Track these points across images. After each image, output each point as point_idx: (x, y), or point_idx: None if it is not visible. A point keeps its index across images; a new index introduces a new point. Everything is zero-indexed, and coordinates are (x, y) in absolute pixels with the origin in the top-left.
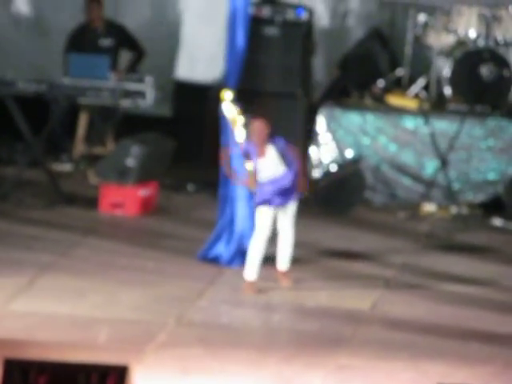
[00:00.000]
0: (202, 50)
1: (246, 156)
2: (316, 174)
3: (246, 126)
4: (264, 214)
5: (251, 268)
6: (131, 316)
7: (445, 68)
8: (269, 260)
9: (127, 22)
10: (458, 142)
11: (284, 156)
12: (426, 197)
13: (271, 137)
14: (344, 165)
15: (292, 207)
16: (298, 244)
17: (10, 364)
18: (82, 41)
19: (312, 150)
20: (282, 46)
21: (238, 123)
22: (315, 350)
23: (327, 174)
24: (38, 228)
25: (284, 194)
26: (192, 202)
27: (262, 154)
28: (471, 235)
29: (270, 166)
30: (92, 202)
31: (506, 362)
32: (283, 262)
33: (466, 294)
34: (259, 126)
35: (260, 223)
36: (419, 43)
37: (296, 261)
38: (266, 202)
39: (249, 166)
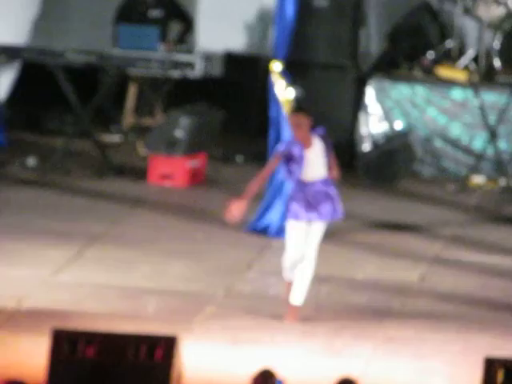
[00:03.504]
0: (251, 21)
1: (288, 158)
2: (365, 146)
3: (294, 99)
4: (294, 229)
5: (291, 293)
6: (180, 287)
7: (494, 40)
8: None
9: None
10: (508, 114)
11: (328, 146)
12: (475, 169)
13: (314, 127)
14: (393, 137)
15: (319, 227)
16: (346, 215)
17: (59, 335)
18: (131, 12)
19: (361, 122)
20: (330, 18)
21: (286, 95)
22: (364, 321)
23: (376, 146)
24: (86, 199)
25: (313, 207)
26: (240, 173)
27: (307, 145)
28: None
29: (316, 158)
30: (141, 174)
31: None
32: (293, 294)
33: None
34: (298, 119)
35: (288, 240)
36: (469, 15)
37: (345, 233)
38: (296, 214)
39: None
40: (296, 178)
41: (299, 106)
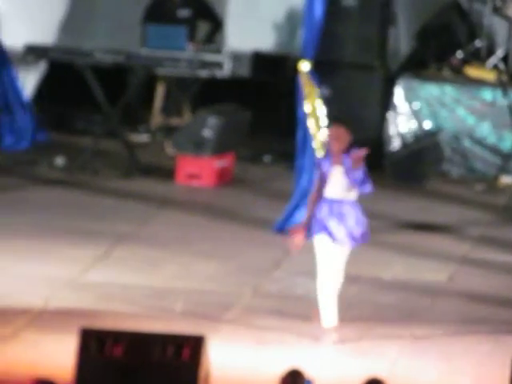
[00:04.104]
0: (280, 20)
1: (321, 173)
2: (393, 145)
3: (321, 102)
4: (327, 248)
5: (324, 315)
6: (207, 287)
7: None
8: None
9: None
10: None
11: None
12: (504, 169)
13: (349, 148)
14: (422, 136)
15: (348, 251)
16: (375, 215)
17: (87, 334)
18: (159, 11)
19: (389, 122)
20: (359, 17)
21: (313, 95)
22: (392, 321)
23: (405, 145)
24: (114, 198)
25: (342, 229)
26: (268, 173)
27: (337, 161)
28: None
29: (341, 178)
30: (168, 173)
31: None
32: (331, 318)
33: None
34: (338, 132)
35: (320, 257)
36: (498, 14)
37: (373, 233)
38: (328, 232)
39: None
40: (325, 195)
41: (341, 119)
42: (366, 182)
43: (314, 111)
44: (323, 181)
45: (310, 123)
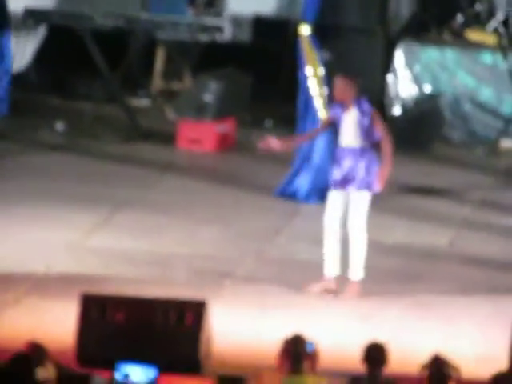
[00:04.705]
0: None
1: (330, 116)
2: (394, 109)
3: (322, 66)
4: (331, 198)
5: (326, 264)
6: (209, 252)
7: None
8: None
9: None
10: None
11: (363, 114)
12: (505, 133)
13: (357, 96)
14: (422, 100)
15: (359, 197)
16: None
17: (88, 300)
18: None
19: (390, 86)
20: None
21: (314, 59)
22: (393, 286)
23: (405, 110)
24: (115, 164)
25: (349, 175)
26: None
27: (347, 110)
28: None
29: (352, 124)
30: (169, 138)
31: None
32: (351, 270)
33: None
34: (340, 83)
35: (326, 207)
36: None
37: (374, 197)
38: (335, 181)
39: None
40: (337, 143)
41: (344, 72)
42: (374, 132)
43: (316, 73)
44: (331, 123)
45: (312, 83)
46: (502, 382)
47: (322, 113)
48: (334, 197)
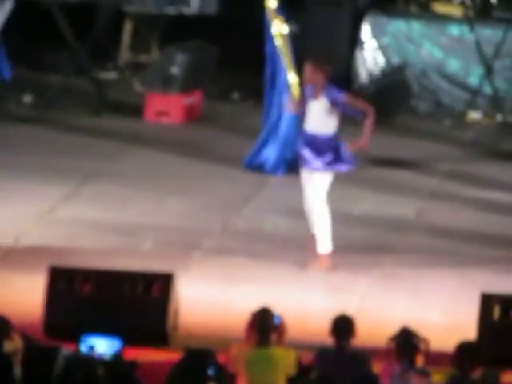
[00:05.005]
0: None
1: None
2: (361, 81)
3: (289, 35)
4: (302, 176)
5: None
6: (177, 223)
7: None
8: None
9: None
10: (504, 50)
11: (336, 104)
12: (472, 104)
13: (327, 82)
14: (389, 72)
15: (317, 176)
16: None
17: (56, 271)
18: None
19: (357, 58)
20: None
21: (281, 32)
22: (361, 257)
23: (372, 81)
24: (83, 136)
25: (314, 157)
26: (237, 109)
27: (315, 96)
28: None
29: (319, 113)
30: (137, 110)
31: None
32: (318, 245)
33: (511, 202)
34: (310, 67)
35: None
36: None
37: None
38: (303, 162)
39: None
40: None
41: (318, 56)
42: (355, 112)
43: (281, 34)
44: (304, 101)
45: (278, 42)
46: (467, 350)
47: (289, 72)
48: (303, 176)
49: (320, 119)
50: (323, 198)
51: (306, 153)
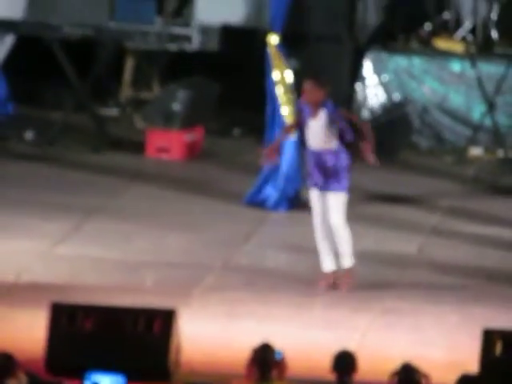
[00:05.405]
0: None
1: (299, 114)
2: (363, 117)
3: (290, 73)
4: (312, 197)
5: (321, 259)
6: (178, 260)
7: (491, 11)
8: None
9: None
10: (505, 86)
11: (334, 122)
12: (473, 140)
13: (325, 100)
14: (390, 108)
15: (334, 197)
16: None
17: (57, 308)
18: None
19: (358, 94)
20: None
21: (282, 68)
22: (362, 293)
23: (374, 117)
24: (84, 172)
25: (324, 177)
26: (238, 146)
27: (314, 114)
28: None
29: (319, 131)
30: (138, 147)
31: None
32: (341, 260)
33: None
34: (310, 85)
35: (311, 207)
36: None
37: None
38: (312, 182)
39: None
40: (307, 145)
41: (316, 75)
42: (348, 132)
43: (283, 80)
44: (299, 121)
45: (279, 90)
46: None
47: (289, 120)
48: (313, 195)
49: (321, 137)
50: (343, 216)
51: (315, 173)
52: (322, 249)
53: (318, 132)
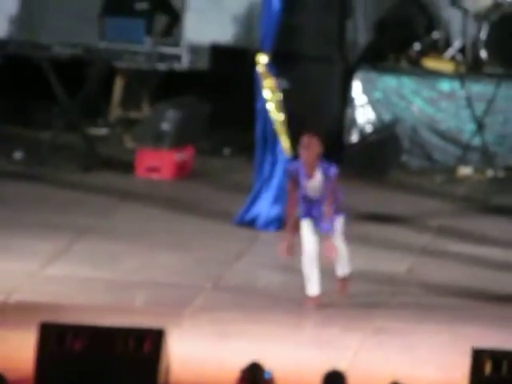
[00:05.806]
0: (238, 13)
1: (292, 176)
2: (352, 137)
3: (280, 92)
4: (304, 227)
5: (308, 284)
6: (168, 280)
7: (481, 31)
8: None
9: None
10: (495, 105)
11: (328, 180)
12: (463, 160)
13: (322, 158)
14: (380, 128)
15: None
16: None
17: (46, 328)
18: (117, 4)
19: (348, 114)
20: (318, 9)
21: (272, 87)
22: (352, 313)
23: (363, 137)
24: (74, 192)
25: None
26: (228, 165)
27: (311, 175)
28: (508, 198)
29: (315, 187)
30: (128, 167)
31: None
32: (338, 269)
33: (503, 258)
34: (310, 141)
35: (302, 236)
36: (455, 6)
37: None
38: (305, 214)
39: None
40: (301, 193)
41: (313, 133)
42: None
43: (274, 98)
44: (296, 184)
45: (270, 107)
46: None
47: (281, 137)
48: (304, 225)
49: (318, 193)
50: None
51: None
52: (310, 274)
53: (316, 190)
